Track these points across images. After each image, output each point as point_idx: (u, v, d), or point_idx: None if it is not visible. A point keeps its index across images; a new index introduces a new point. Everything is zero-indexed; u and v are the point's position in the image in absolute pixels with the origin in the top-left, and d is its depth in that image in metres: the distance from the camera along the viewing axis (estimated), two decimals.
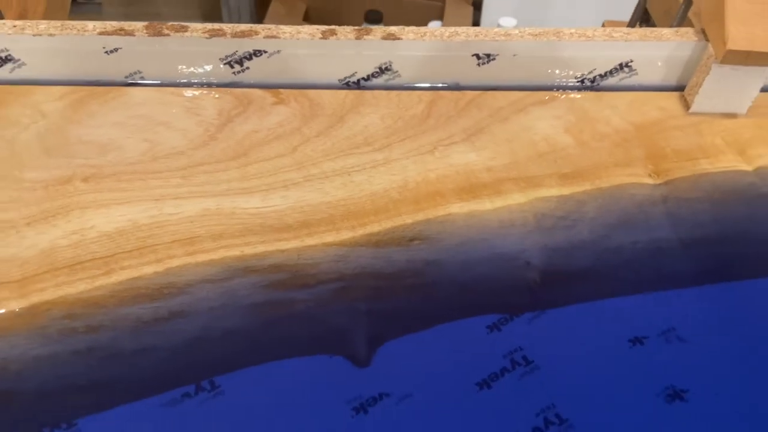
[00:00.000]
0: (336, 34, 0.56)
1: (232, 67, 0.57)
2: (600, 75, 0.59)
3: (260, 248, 0.47)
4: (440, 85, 0.59)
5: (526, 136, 0.55)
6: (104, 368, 0.43)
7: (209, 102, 0.57)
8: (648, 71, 0.59)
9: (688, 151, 0.55)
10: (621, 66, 0.59)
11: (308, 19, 1.58)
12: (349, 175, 0.52)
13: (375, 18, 1.38)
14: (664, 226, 0.51)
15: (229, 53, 0.57)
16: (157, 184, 0.51)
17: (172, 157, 0.53)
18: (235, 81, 0.58)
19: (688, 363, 0.45)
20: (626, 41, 0.57)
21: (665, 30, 0.58)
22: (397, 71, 0.58)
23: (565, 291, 0.48)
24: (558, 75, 0.59)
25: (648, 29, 0.58)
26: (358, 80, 0.59)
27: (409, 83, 0.59)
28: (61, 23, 0.56)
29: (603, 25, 0.68)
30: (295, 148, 0.54)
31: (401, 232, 0.49)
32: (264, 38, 0.56)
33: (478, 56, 0.58)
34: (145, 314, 0.44)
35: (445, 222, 0.50)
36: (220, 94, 0.57)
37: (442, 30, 0.57)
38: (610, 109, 0.58)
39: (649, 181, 0.53)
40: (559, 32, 0.57)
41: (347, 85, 0.59)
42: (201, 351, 0.44)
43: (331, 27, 0.57)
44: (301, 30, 0.56)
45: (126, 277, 0.45)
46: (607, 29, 0.58)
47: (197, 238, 0.48)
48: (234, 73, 0.58)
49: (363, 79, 0.59)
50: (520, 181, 0.52)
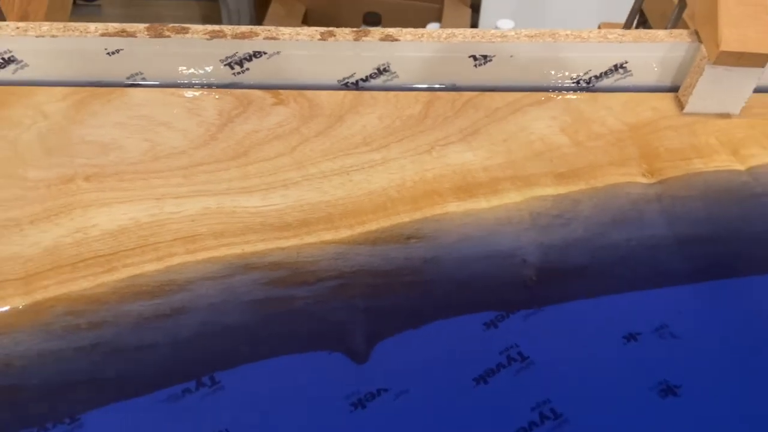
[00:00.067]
0: (335, 36, 0.57)
1: (232, 68, 0.58)
2: (595, 76, 0.60)
3: (260, 246, 0.48)
4: (437, 85, 0.60)
5: (523, 136, 0.56)
6: (107, 364, 0.43)
7: (210, 102, 0.57)
8: (643, 72, 0.60)
9: (681, 150, 0.55)
10: (616, 67, 0.59)
11: (307, 21, 1.58)
12: (348, 174, 0.53)
13: (373, 20, 1.38)
14: (658, 224, 0.51)
15: (229, 54, 0.57)
16: (159, 183, 0.51)
17: (173, 157, 0.53)
18: (235, 82, 0.59)
19: (681, 359, 0.45)
20: (621, 43, 0.58)
21: (659, 31, 0.59)
22: (395, 72, 0.59)
23: (561, 288, 0.48)
24: (554, 76, 0.60)
25: (642, 31, 0.59)
26: (357, 81, 0.59)
27: (406, 84, 0.60)
28: (63, 25, 0.56)
29: (599, 27, 0.68)
30: (294, 148, 0.54)
31: (399, 231, 0.50)
32: (264, 40, 0.56)
33: (474, 57, 0.58)
34: (146, 311, 0.45)
35: (442, 220, 0.50)
36: (221, 95, 0.58)
37: (439, 31, 0.58)
38: (605, 109, 0.58)
39: (643, 180, 0.53)
40: (554, 34, 0.58)
41: (346, 85, 0.59)
42: (201, 347, 0.44)
43: (330, 29, 0.57)
44: (301, 31, 0.57)
45: (128, 274, 0.46)
46: (602, 31, 0.58)
47: (198, 236, 0.48)
48: (234, 74, 0.58)
49: (361, 79, 0.59)
50: (516, 180, 0.53)
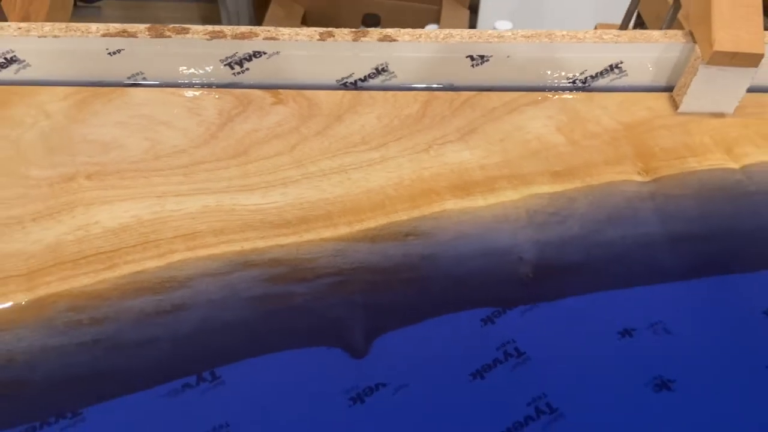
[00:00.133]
0: (333, 36, 0.57)
1: (232, 68, 0.59)
2: (591, 76, 0.60)
3: (260, 243, 0.49)
4: (435, 85, 0.61)
5: (519, 135, 0.57)
6: (108, 359, 0.44)
7: (210, 102, 0.58)
8: (638, 72, 0.60)
9: (676, 149, 0.56)
10: (611, 67, 0.60)
11: (306, 22, 1.59)
12: (347, 172, 0.53)
13: (372, 21, 1.39)
14: (653, 222, 0.52)
15: (229, 54, 0.58)
16: (160, 181, 0.52)
17: (174, 156, 0.54)
18: (235, 82, 0.59)
19: (675, 354, 0.46)
20: (616, 43, 0.58)
21: (654, 32, 0.59)
22: (393, 72, 0.59)
23: (557, 285, 0.49)
24: (550, 76, 0.60)
25: (637, 31, 0.59)
26: (356, 81, 0.60)
27: (405, 84, 0.60)
28: (65, 25, 0.57)
29: (595, 28, 0.69)
30: (293, 147, 0.55)
31: (397, 228, 0.50)
32: (263, 40, 0.57)
33: (472, 58, 0.59)
34: (147, 307, 0.45)
35: (439, 218, 0.51)
36: (221, 95, 0.58)
37: (437, 32, 0.58)
38: (600, 109, 0.59)
39: (638, 178, 0.54)
40: (551, 34, 0.59)
41: (344, 85, 0.60)
42: (202, 342, 0.45)
43: (329, 29, 0.58)
44: (300, 32, 0.57)
45: (129, 271, 0.47)
46: (597, 31, 0.59)
47: (198, 233, 0.49)
48: (234, 73, 0.59)
49: (360, 79, 0.60)
50: (512, 178, 0.53)
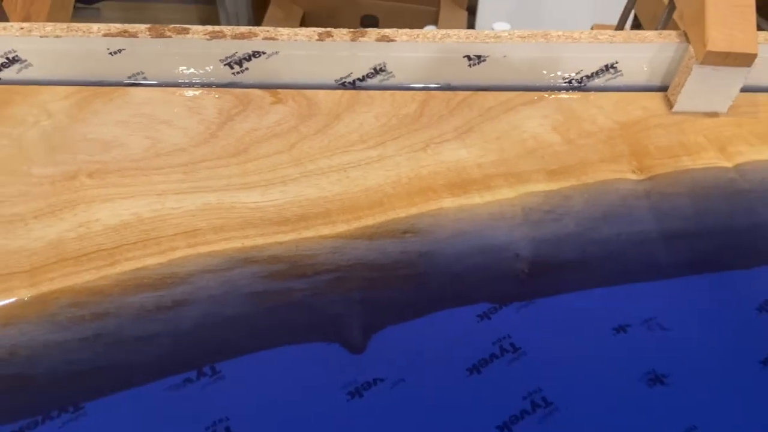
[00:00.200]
0: (332, 36, 0.58)
1: (232, 67, 0.59)
2: (587, 76, 0.61)
3: (259, 240, 0.49)
4: (433, 85, 0.61)
5: (515, 134, 0.57)
6: (110, 354, 0.44)
7: (210, 101, 0.59)
8: (633, 72, 0.61)
9: (670, 148, 0.57)
10: (607, 67, 0.60)
11: (305, 23, 1.60)
12: (345, 171, 0.54)
13: (371, 23, 1.40)
14: (647, 219, 0.52)
15: (228, 54, 0.58)
16: (160, 179, 0.53)
17: (174, 154, 0.54)
18: (234, 81, 0.60)
19: (669, 350, 0.46)
20: (611, 43, 0.59)
21: (649, 32, 0.60)
22: (391, 72, 0.60)
23: (552, 281, 0.49)
24: (546, 76, 0.61)
25: (632, 32, 0.60)
26: (354, 80, 0.60)
27: (402, 83, 0.61)
28: (66, 25, 0.57)
29: (592, 29, 0.70)
30: (292, 146, 0.56)
31: (395, 226, 0.51)
32: (263, 40, 0.58)
33: (469, 58, 0.59)
34: (148, 303, 0.46)
35: (436, 216, 0.51)
36: (220, 94, 0.59)
37: (434, 32, 0.59)
38: (596, 108, 0.60)
39: (632, 176, 0.55)
40: (547, 35, 0.59)
41: (343, 85, 0.61)
42: (202, 338, 0.45)
43: (328, 29, 0.58)
44: (299, 32, 0.58)
45: (130, 267, 0.47)
46: (593, 32, 0.60)
47: (199, 230, 0.49)
48: (234, 73, 0.60)
49: (358, 79, 0.60)
50: (509, 176, 0.54)
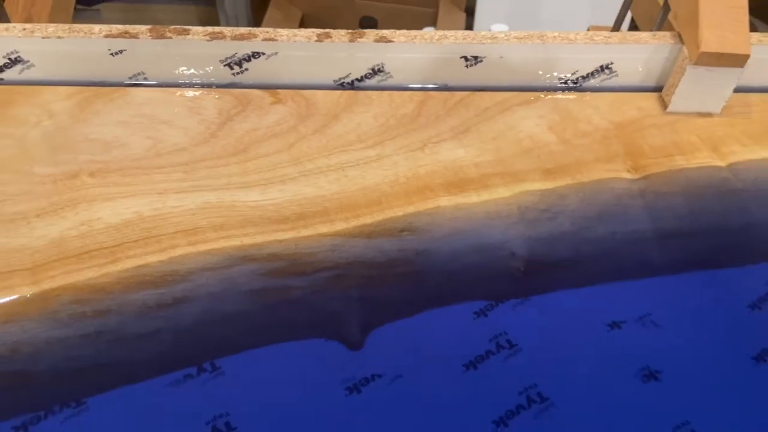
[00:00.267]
0: (331, 37, 0.59)
1: (232, 68, 0.60)
2: (582, 76, 0.62)
3: (259, 238, 0.50)
4: (430, 85, 0.62)
5: (512, 134, 0.58)
6: (111, 351, 0.45)
7: (210, 102, 0.59)
8: (628, 73, 0.61)
9: (664, 148, 0.57)
10: (602, 68, 0.61)
11: (304, 25, 1.60)
12: (343, 170, 0.55)
13: (369, 24, 1.41)
14: (642, 218, 0.53)
15: (228, 55, 0.59)
16: (161, 178, 0.53)
17: (175, 154, 0.55)
18: (234, 82, 0.61)
19: (662, 346, 0.47)
20: (607, 44, 0.60)
21: (643, 34, 0.61)
22: (389, 72, 0.61)
23: (547, 279, 0.50)
24: (542, 76, 0.62)
25: (627, 33, 0.61)
26: (352, 81, 0.61)
27: (400, 84, 0.61)
28: (68, 26, 0.58)
29: (588, 30, 0.70)
30: (291, 145, 0.56)
31: (392, 224, 0.51)
32: (262, 41, 0.58)
33: (466, 58, 0.60)
34: (149, 300, 0.47)
35: (433, 214, 0.52)
36: (220, 95, 0.60)
37: (431, 33, 0.60)
38: (592, 108, 0.60)
39: (627, 176, 0.55)
40: (543, 36, 0.60)
41: (341, 85, 0.61)
42: (202, 334, 0.46)
43: (326, 30, 0.59)
44: (298, 33, 0.59)
45: (131, 265, 0.48)
46: (588, 33, 0.60)
47: (199, 229, 0.50)
48: (233, 74, 0.60)
49: (357, 80, 0.61)
50: (505, 176, 0.55)
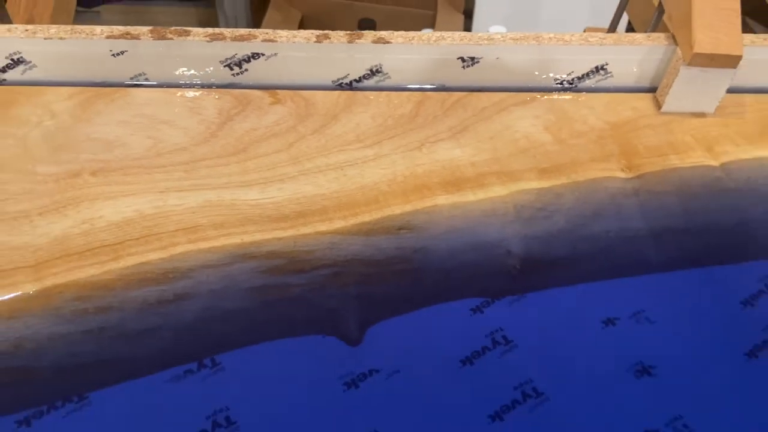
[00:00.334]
0: (329, 38, 0.59)
1: (232, 69, 0.61)
2: (578, 77, 0.62)
3: (258, 236, 0.50)
4: (428, 86, 0.62)
5: (508, 134, 0.59)
6: (113, 347, 0.46)
7: (210, 102, 0.60)
8: (623, 74, 0.62)
9: (659, 147, 0.58)
10: (597, 69, 0.62)
11: (303, 27, 1.61)
12: (342, 169, 0.55)
13: (368, 26, 1.42)
14: (636, 216, 0.54)
15: (228, 56, 0.60)
16: (162, 177, 0.54)
17: (176, 153, 0.56)
18: (234, 82, 0.61)
19: (656, 342, 0.48)
20: (602, 45, 0.61)
21: (638, 35, 0.62)
22: (387, 73, 0.61)
23: (543, 276, 0.51)
24: (538, 77, 0.62)
25: (622, 34, 0.62)
26: (351, 81, 0.62)
27: (398, 84, 0.62)
28: (70, 27, 0.59)
29: (584, 32, 0.71)
30: (291, 145, 0.57)
31: (390, 222, 0.52)
32: (262, 42, 0.59)
33: (463, 59, 0.61)
34: (150, 296, 0.47)
35: (431, 212, 0.53)
36: (220, 95, 0.60)
37: (429, 35, 0.60)
38: (587, 109, 0.61)
39: (622, 175, 0.56)
40: (538, 37, 0.61)
41: (340, 86, 0.62)
42: (203, 331, 0.47)
43: (325, 31, 0.60)
44: (297, 34, 0.59)
45: (133, 262, 0.48)
46: (584, 34, 0.61)
47: (200, 227, 0.51)
48: (233, 74, 0.61)
49: (355, 80, 0.62)
50: (501, 175, 0.55)
